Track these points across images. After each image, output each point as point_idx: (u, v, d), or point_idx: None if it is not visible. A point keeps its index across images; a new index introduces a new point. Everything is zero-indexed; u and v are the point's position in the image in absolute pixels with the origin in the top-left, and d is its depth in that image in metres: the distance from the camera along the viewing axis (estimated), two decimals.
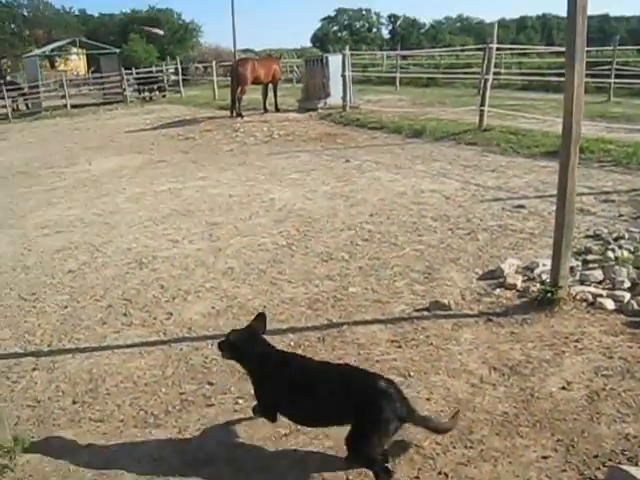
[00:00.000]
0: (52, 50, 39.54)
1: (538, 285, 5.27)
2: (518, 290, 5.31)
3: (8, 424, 3.69)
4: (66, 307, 5.96)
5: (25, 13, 55.53)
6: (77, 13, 59.10)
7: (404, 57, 30.67)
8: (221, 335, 4.80)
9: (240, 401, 3.90)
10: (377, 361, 4.20)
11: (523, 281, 5.45)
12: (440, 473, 3.10)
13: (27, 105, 30.53)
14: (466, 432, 3.38)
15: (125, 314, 5.65)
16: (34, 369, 4.76)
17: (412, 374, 4.00)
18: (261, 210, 8.71)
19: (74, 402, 4.18)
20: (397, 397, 2.88)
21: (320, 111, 18.45)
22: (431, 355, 4.25)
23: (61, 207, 10.19)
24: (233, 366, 4.37)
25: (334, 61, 18.42)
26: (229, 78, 21.32)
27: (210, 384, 4.20)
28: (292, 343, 4.67)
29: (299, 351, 4.49)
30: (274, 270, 6.36)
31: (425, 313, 4.99)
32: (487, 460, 3.17)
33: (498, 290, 5.35)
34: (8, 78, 41.45)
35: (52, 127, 23.61)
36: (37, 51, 37.60)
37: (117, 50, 35.30)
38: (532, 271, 5.62)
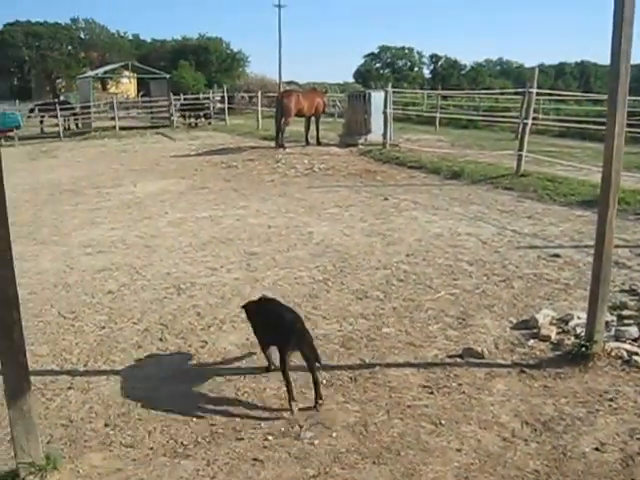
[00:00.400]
0: (105, 72, 40.38)
1: (572, 338, 5.14)
2: (552, 342, 5.18)
3: (41, 442, 3.69)
4: (104, 328, 5.98)
5: (82, 36, 57.09)
6: (131, 38, 60.42)
7: (444, 97, 30.62)
8: (254, 368, 4.83)
9: (270, 437, 3.83)
10: (408, 406, 4.11)
11: (557, 333, 5.32)
12: None
13: (77, 125, 31.16)
14: None
15: (161, 339, 5.65)
16: (69, 388, 4.76)
17: (443, 422, 3.91)
18: (299, 243, 8.70)
19: (106, 425, 4.17)
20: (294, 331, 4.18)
21: (360, 147, 18.51)
22: (463, 404, 4.15)
23: (104, 227, 10.31)
24: (264, 400, 4.35)
25: (376, 98, 18.50)
26: (273, 109, 21.55)
27: (241, 417, 4.15)
28: (324, 381, 4.60)
29: (331, 390, 4.45)
30: (309, 305, 6.32)
31: (458, 360, 4.89)
32: None
33: (532, 341, 5.22)
34: (62, 98, 42.53)
35: (100, 147, 24.07)
36: (91, 73, 38.49)
37: (167, 75, 35.89)
38: (567, 323, 5.49)
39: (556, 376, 4.57)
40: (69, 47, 54.82)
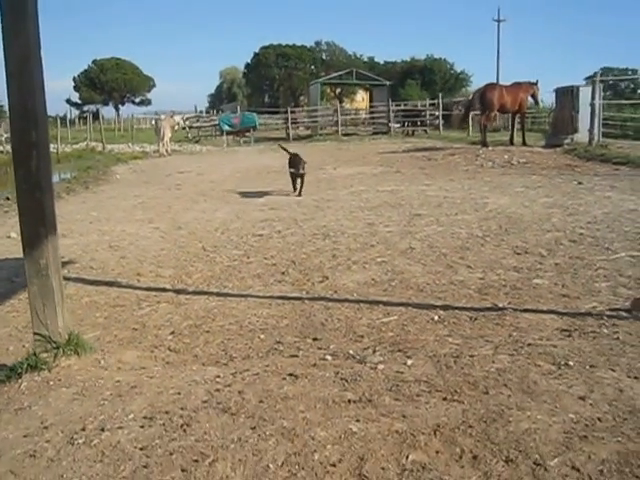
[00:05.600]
0: (330, 79, 40.39)
1: None
2: None
3: (67, 319, 2.89)
4: (235, 260, 5.28)
5: (323, 57, 59.12)
6: (366, 60, 61.06)
7: None
8: (365, 301, 3.77)
9: (329, 357, 2.75)
10: (529, 344, 2.75)
11: None
12: None
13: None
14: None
15: (283, 273, 4.79)
16: (166, 302, 4.07)
17: (571, 364, 2.50)
18: (470, 209, 7.35)
19: (172, 333, 3.39)
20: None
21: (565, 147, 16.24)
22: (611, 350, 2.67)
23: (290, 195, 9.77)
24: (351, 327, 3.25)
25: (585, 92, 15.95)
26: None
27: (315, 339, 3.10)
28: (436, 317, 3.38)
29: (439, 326, 3.22)
30: (457, 255, 5.05)
31: (623, 314, 3.35)
32: None
33: None
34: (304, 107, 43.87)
35: (321, 147, 24.05)
36: (318, 80, 38.71)
37: (387, 82, 34.96)
38: None
39: None
40: (312, 67, 56.92)
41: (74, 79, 64.36)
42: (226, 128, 26.04)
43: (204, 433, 2.03)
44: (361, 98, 51.17)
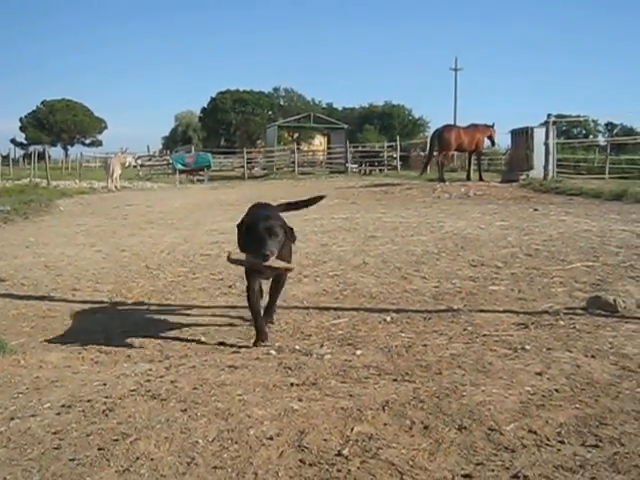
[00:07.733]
0: (287, 122, 40.79)
1: None
2: None
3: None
4: (180, 276, 5.14)
5: (281, 102, 59.67)
6: (324, 106, 61.90)
7: (617, 154, 27.01)
8: (315, 307, 3.65)
9: (273, 352, 2.60)
10: (484, 335, 2.67)
11: None
12: None
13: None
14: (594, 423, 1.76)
15: (230, 286, 4.66)
16: (102, 313, 3.87)
17: (528, 348, 2.42)
18: (426, 231, 7.35)
19: (106, 338, 3.18)
20: None
21: (521, 181, 16.61)
22: (567, 336, 2.62)
23: (229, 221, 9.65)
24: (299, 328, 3.12)
25: (539, 133, 16.44)
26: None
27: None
28: (389, 318, 3.28)
29: (390, 325, 3.12)
30: (411, 268, 4.99)
31: (579, 311, 3.29)
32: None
33: None
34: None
35: (276, 184, 24.09)
36: (275, 123, 39.18)
37: (345, 125, 35.58)
38: None
39: None
40: (269, 112, 57.36)
41: (20, 119, 63.04)
42: (179, 167, 25.79)
43: (128, 417, 1.86)
44: (319, 142, 51.62)
